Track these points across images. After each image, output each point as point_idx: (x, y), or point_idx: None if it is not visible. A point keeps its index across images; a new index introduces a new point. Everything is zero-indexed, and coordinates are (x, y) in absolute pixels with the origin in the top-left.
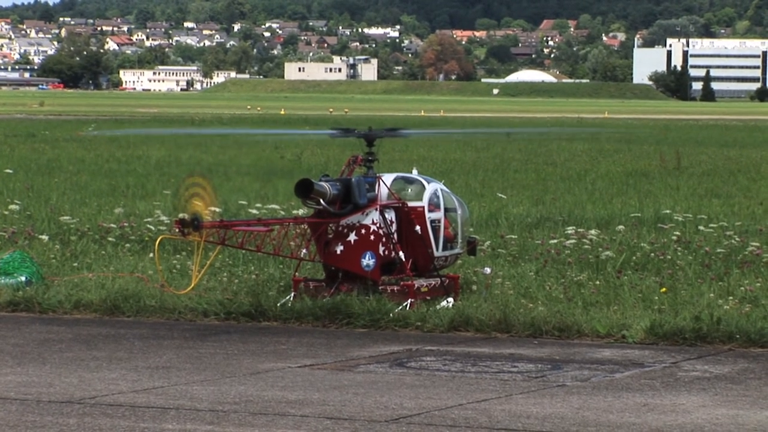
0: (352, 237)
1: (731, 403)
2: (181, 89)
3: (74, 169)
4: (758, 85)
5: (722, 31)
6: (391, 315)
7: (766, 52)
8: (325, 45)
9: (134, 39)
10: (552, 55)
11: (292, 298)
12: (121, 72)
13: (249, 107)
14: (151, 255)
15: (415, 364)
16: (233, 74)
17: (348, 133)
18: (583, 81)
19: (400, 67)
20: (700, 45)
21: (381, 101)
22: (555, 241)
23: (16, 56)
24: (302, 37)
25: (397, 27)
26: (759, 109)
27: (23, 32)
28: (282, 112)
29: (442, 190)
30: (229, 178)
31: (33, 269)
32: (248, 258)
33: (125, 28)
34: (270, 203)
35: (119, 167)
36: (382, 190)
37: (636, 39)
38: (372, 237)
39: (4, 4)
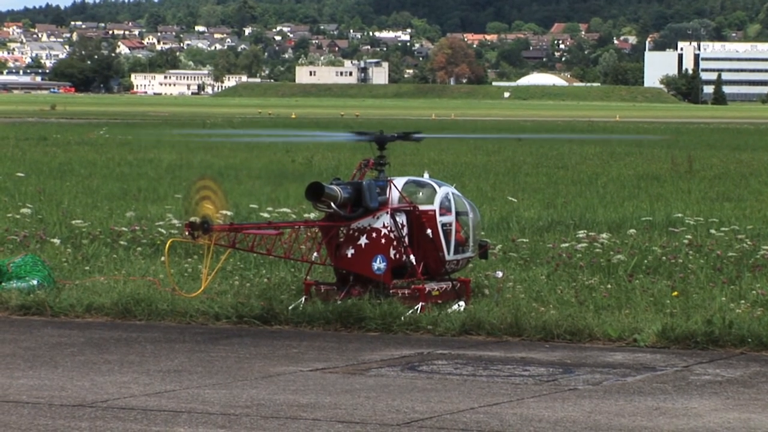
0: (363, 240)
1: (743, 407)
2: (192, 93)
3: (86, 173)
4: None
5: (734, 34)
6: (402, 318)
7: None
8: (336, 48)
9: (145, 43)
10: (563, 59)
11: (303, 302)
12: (133, 76)
13: (260, 111)
14: (163, 258)
15: (426, 368)
16: (244, 78)
17: (361, 136)
18: (594, 84)
19: (411, 71)
20: (711, 48)
21: (392, 105)
22: (566, 244)
23: (28, 60)
24: (313, 41)
25: (408, 30)
26: None
27: (35, 36)
28: (293, 116)
29: (453, 193)
30: (240, 181)
31: (45, 273)
32: (260, 261)
33: (136, 32)
34: (281, 206)
35: (131, 171)
36: (394, 194)
37: (647, 42)
38: (383, 240)
39: (16, 8)
